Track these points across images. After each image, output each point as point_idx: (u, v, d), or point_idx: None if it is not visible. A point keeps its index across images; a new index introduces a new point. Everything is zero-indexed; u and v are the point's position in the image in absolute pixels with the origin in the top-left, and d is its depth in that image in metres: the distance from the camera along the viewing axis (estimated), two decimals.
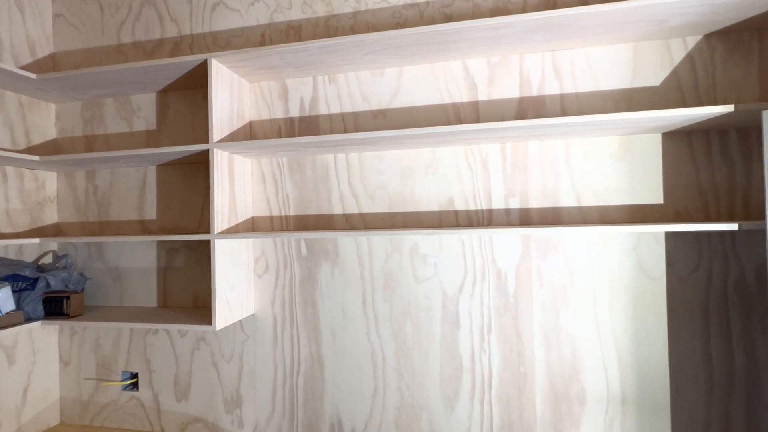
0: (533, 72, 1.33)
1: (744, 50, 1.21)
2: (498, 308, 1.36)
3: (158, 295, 1.62)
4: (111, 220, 1.67)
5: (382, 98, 1.44)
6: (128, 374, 1.65)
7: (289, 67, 1.41)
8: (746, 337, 1.20)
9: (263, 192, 1.54)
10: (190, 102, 1.60)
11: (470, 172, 1.38)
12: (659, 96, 1.25)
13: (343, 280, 1.47)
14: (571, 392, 1.31)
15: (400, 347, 1.42)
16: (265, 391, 1.52)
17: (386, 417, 1.43)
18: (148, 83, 1.52)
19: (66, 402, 1.71)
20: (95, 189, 1.69)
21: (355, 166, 1.47)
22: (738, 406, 1.20)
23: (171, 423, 1.61)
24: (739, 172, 1.21)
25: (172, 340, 1.61)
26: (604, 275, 1.29)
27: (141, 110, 1.65)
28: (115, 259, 1.67)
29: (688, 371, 1.24)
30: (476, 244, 1.37)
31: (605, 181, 1.29)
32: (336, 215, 1.48)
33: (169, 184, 1.62)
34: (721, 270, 1.22)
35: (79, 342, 1.70)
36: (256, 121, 1.55)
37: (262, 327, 1.53)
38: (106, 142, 1.68)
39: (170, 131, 1.62)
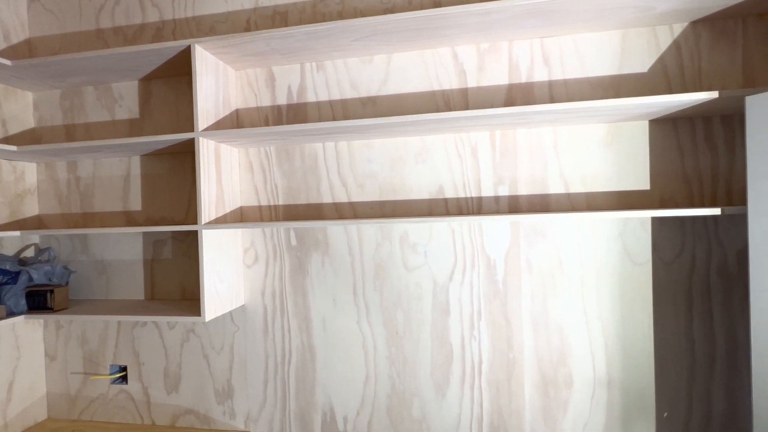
0: (522, 59, 1.33)
1: (728, 38, 1.22)
2: (487, 295, 1.37)
3: (145, 287, 1.60)
4: (95, 212, 1.63)
5: (371, 86, 1.43)
6: (117, 368, 1.64)
7: (276, 53, 1.38)
8: (727, 320, 1.24)
9: (251, 182, 1.52)
10: (174, 90, 1.56)
11: (460, 160, 1.37)
12: (646, 83, 1.26)
13: (334, 269, 1.47)
14: (558, 376, 1.34)
15: (391, 335, 1.43)
16: (257, 382, 1.52)
17: (378, 404, 1.44)
18: (130, 70, 1.48)
19: (53, 397, 1.69)
20: (77, 180, 1.65)
21: (345, 155, 1.45)
22: (718, 387, 1.24)
23: (162, 415, 1.60)
24: (722, 159, 1.23)
25: (161, 332, 1.59)
26: (591, 261, 1.31)
27: (123, 99, 1.60)
28: (101, 251, 1.63)
29: (671, 354, 1.27)
30: (466, 232, 1.38)
31: (593, 168, 1.30)
32: (325, 204, 1.47)
33: (154, 174, 1.58)
34: (704, 255, 1.25)
35: (65, 336, 1.67)
36: (243, 110, 1.52)
37: (253, 318, 1.52)
38: (87, 132, 1.64)
39: (154, 120, 1.58)
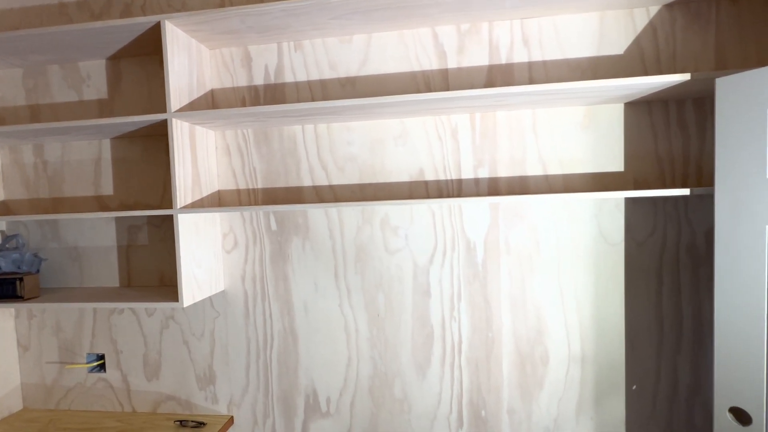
0: (502, 40, 1.32)
1: (702, 21, 1.24)
2: (467, 277, 1.39)
3: (121, 275, 1.56)
4: (65, 197, 1.57)
5: (350, 66, 1.40)
6: (94, 356, 1.61)
7: (252, 32, 1.33)
8: (694, 297, 1.29)
9: (229, 165, 1.49)
10: (145, 70, 1.50)
11: (440, 143, 1.37)
12: (623, 66, 1.28)
13: (315, 253, 1.46)
14: (535, 354, 1.38)
15: (373, 318, 1.44)
16: (239, 367, 1.52)
17: (360, 385, 1.46)
18: (98, 48, 1.41)
19: (28, 387, 1.65)
20: (44, 164, 1.58)
21: (324, 138, 1.43)
22: (685, 360, 1.30)
23: (143, 402, 1.58)
24: (693, 141, 1.26)
25: (139, 319, 1.57)
26: (567, 243, 1.34)
27: (91, 78, 1.53)
28: (73, 238, 1.58)
29: (641, 330, 1.32)
30: (446, 215, 1.39)
31: (570, 150, 1.32)
32: (305, 188, 1.45)
33: (127, 158, 1.53)
34: (674, 235, 1.29)
35: (38, 326, 1.63)
36: (218, 90, 1.47)
37: (233, 303, 1.51)
38: (54, 113, 1.56)
39: (125, 101, 1.51)
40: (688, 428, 1.31)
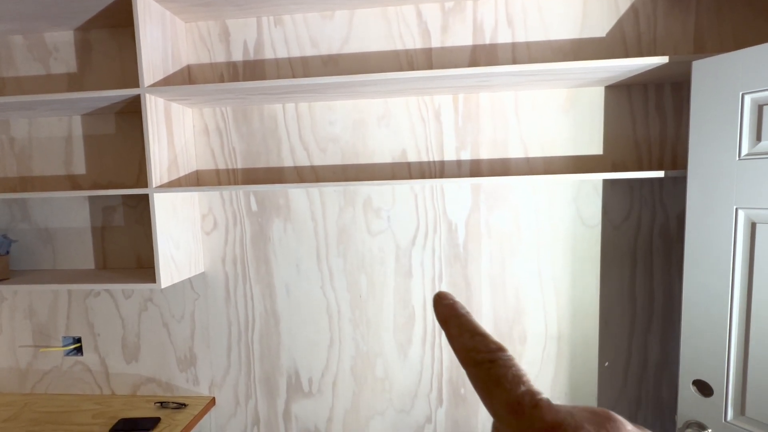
0: (486, 20, 1.31)
1: (683, 5, 1.24)
2: (449, 259, 1.40)
3: (96, 256, 1.52)
4: (34, 176, 1.51)
5: (332, 43, 1.36)
6: (70, 339, 1.57)
7: (230, 4, 1.28)
8: (665, 278, 1.33)
9: (207, 145, 1.45)
10: (117, 42, 1.43)
11: (423, 124, 1.36)
12: (605, 48, 1.28)
13: (296, 235, 1.45)
14: (513, 333, 1.41)
15: (355, 299, 1.45)
16: (220, 349, 1.51)
17: (342, 366, 1.48)
18: (65, 18, 1.33)
19: (1, 372, 1.61)
20: (11, 141, 1.51)
21: (306, 118, 1.40)
22: (654, 338, 1.36)
23: (122, 385, 1.57)
24: (670, 125, 1.28)
25: (116, 302, 1.53)
26: (546, 225, 1.36)
27: (59, 51, 1.45)
28: (44, 218, 1.52)
29: (615, 309, 1.36)
30: (428, 197, 1.39)
31: (551, 133, 1.33)
32: (286, 168, 1.42)
33: (99, 135, 1.47)
34: (648, 218, 1.32)
35: (10, 309, 1.58)
36: (195, 65, 1.42)
37: (214, 285, 1.49)
38: (19, 87, 1.48)
39: (96, 76, 1.45)
40: (655, 401, 1.37)
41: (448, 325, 0.21)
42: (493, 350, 0.20)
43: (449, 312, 0.22)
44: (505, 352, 0.20)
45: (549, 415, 0.18)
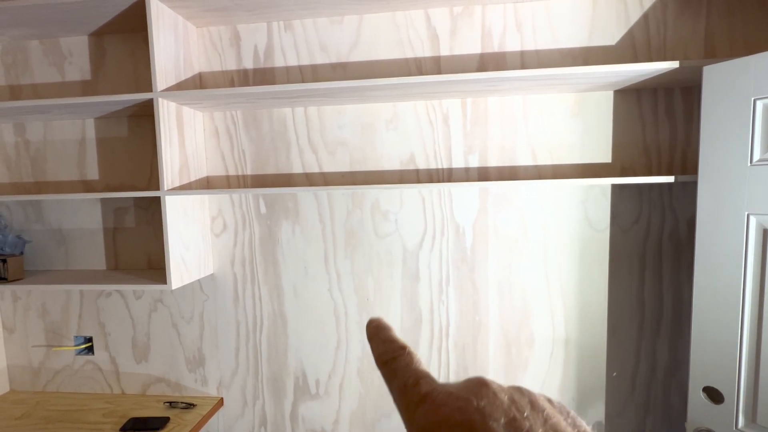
0: (495, 25, 1.31)
1: (693, 9, 1.24)
2: (456, 261, 1.41)
3: (108, 257, 1.55)
4: (48, 177, 1.54)
5: (341, 48, 1.38)
6: (81, 339, 1.60)
7: (240, 10, 1.30)
8: (675, 282, 1.33)
9: (217, 147, 1.47)
10: (130, 47, 1.45)
11: (431, 128, 1.37)
12: (614, 53, 1.28)
13: (305, 237, 1.46)
14: (521, 337, 1.41)
15: (362, 301, 1.46)
16: (228, 349, 1.53)
17: (349, 368, 1.48)
18: (80, 23, 1.36)
19: (14, 369, 1.64)
20: (26, 144, 1.54)
21: (315, 121, 1.42)
22: (663, 343, 1.35)
23: (132, 384, 1.59)
24: (680, 130, 1.28)
25: (127, 302, 1.56)
26: (554, 229, 1.36)
27: (73, 55, 1.48)
28: (57, 220, 1.55)
29: (623, 313, 1.36)
30: (436, 200, 1.39)
31: (560, 137, 1.33)
32: (295, 171, 1.44)
33: (112, 139, 1.50)
34: (658, 222, 1.31)
35: (24, 308, 1.61)
36: (207, 73, 1.44)
37: (223, 286, 1.51)
38: (34, 91, 1.51)
39: (109, 79, 1.47)
40: (664, 408, 1.36)
41: (371, 341, 0.25)
42: (395, 350, 0.23)
43: (372, 332, 0.25)
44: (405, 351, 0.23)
45: (424, 388, 0.20)
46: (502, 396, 0.19)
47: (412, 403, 0.20)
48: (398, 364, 0.22)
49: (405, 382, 0.21)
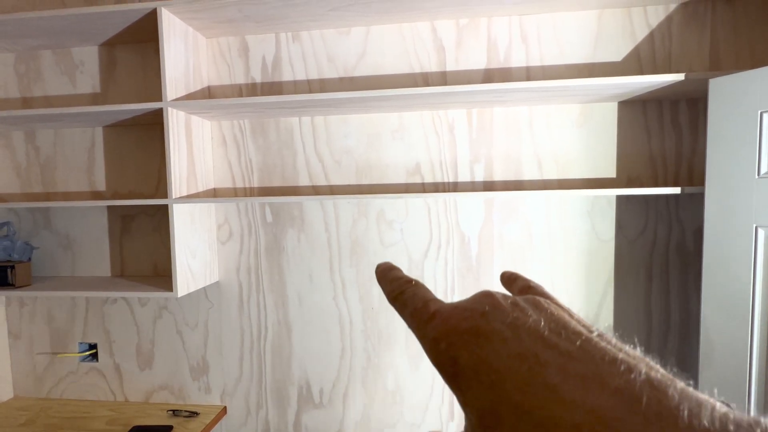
0: (501, 37, 1.33)
1: (698, 22, 1.25)
2: (461, 271, 1.40)
3: (114, 264, 1.55)
4: (57, 184, 1.56)
5: (348, 59, 1.39)
6: (86, 345, 1.60)
7: (249, 21, 1.32)
8: (682, 294, 1.32)
9: (225, 156, 1.48)
10: (141, 57, 1.48)
11: (437, 138, 1.38)
12: (619, 65, 1.29)
13: (310, 246, 1.46)
14: None
15: (367, 310, 1.45)
16: (232, 357, 1.53)
17: (353, 377, 1.48)
18: (91, 34, 1.38)
19: (19, 375, 1.64)
20: (37, 151, 1.56)
21: (321, 130, 1.43)
22: (671, 354, 1.33)
23: (135, 391, 1.59)
24: (686, 141, 1.28)
25: (132, 309, 1.56)
26: (560, 239, 1.36)
27: (84, 65, 1.50)
28: (65, 226, 1.57)
29: (630, 324, 1.35)
30: (441, 209, 1.40)
31: (565, 147, 1.33)
32: (301, 180, 1.45)
33: (121, 146, 1.52)
34: (664, 233, 1.31)
35: (30, 314, 1.62)
36: (215, 78, 1.46)
37: (228, 294, 1.51)
38: (46, 99, 1.54)
39: (119, 89, 1.50)
40: None
41: (381, 283, 0.26)
42: (402, 285, 0.24)
43: (381, 274, 0.26)
44: (412, 283, 0.24)
45: (432, 307, 0.21)
46: (505, 302, 0.20)
47: (422, 322, 0.21)
48: (407, 295, 0.23)
49: (415, 307, 0.22)
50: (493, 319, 0.19)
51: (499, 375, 0.17)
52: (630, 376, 0.15)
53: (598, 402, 0.14)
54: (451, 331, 0.19)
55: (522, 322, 0.18)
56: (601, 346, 0.17)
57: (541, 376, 0.16)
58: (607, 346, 0.17)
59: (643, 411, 0.14)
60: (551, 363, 0.16)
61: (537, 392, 0.15)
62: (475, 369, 0.17)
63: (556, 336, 0.18)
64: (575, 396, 0.15)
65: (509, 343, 0.17)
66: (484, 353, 0.17)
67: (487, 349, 0.17)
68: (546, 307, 0.20)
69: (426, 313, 0.21)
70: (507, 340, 0.17)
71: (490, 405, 0.16)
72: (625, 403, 0.14)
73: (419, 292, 0.23)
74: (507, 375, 0.16)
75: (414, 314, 0.22)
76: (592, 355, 0.16)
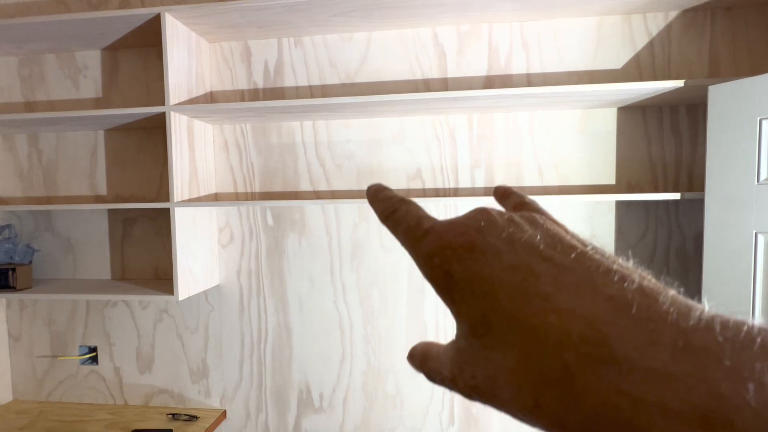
0: (501, 43, 1.34)
1: (697, 29, 1.26)
2: None
3: (116, 267, 1.56)
4: (59, 187, 1.56)
5: (350, 64, 1.40)
6: (86, 348, 1.60)
7: (252, 26, 1.33)
8: None
9: (226, 160, 1.49)
10: (143, 61, 1.49)
11: (438, 143, 1.38)
12: (619, 71, 1.30)
13: (311, 249, 1.46)
14: None
15: (367, 314, 1.45)
16: (233, 361, 1.52)
17: (353, 381, 1.47)
18: (95, 38, 1.39)
19: (18, 378, 1.64)
20: (39, 154, 1.56)
21: (323, 135, 1.44)
22: None
23: (135, 395, 1.58)
24: (686, 147, 1.29)
25: (133, 312, 1.56)
26: None
27: (88, 68, 1.51)
28: (66, 229, 1.57)
29: None
30: (442, 213, 1.40)
31: (566, 153, 1.34)
32: (303, 183, 1.45)
33: (123, 150, 1.52)
34: (665, 238, 1.31)
35: (30, 317, 1.61)
36: (217, 82, 1.47)
37: (228, 298, 1.51)
38: (49, 103, 1.54)
39: (122, 92, 1.50)
40: None
41: (373, 203, 0.25)
42: (395, 203, 0.23)
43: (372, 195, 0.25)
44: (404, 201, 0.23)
45: (426, 224, 0.20)
46: (501, 217, 0.19)
47: (416, 238, 0.20)
48: (400, 213, 0.22)
49: (408, 224, 0.21)
50: (488, 234, 0.18)
51: (492, 286, 0.17)
52: (623, 284, 0.15)
53: (589, 309, 0.14)
54: (446, 247, 0.19)
55: (517, 237, 0.18)
56: (596, 258, 0.17)
57: (534, 286, 0.16)
58: (602, 259, 0.17)
59: (633, 316, 0.14)
60: (545, 274, 0.16)
61: (530, 301, 0.16)
62: (468, 281, 0.17)
63: (551, 249, 0.17)
64: (567, 304, 0.15)
65: (503, 256, 0.17)
66: (478, 266, 0.17)
67: (482, 262, 0.17)
68: (542, 223, 0.19)
69: (420, 230, 0.20)
70: (501, 253, 0.17)
71: (482, 315, 0.17)
72: (617, 309, 0.14)
73: (412, 210, 0.22)
74: (500, 286, 0.16)
75: (407, 231, 0.21)
76: (587, 267, 0.16)
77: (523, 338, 0.15)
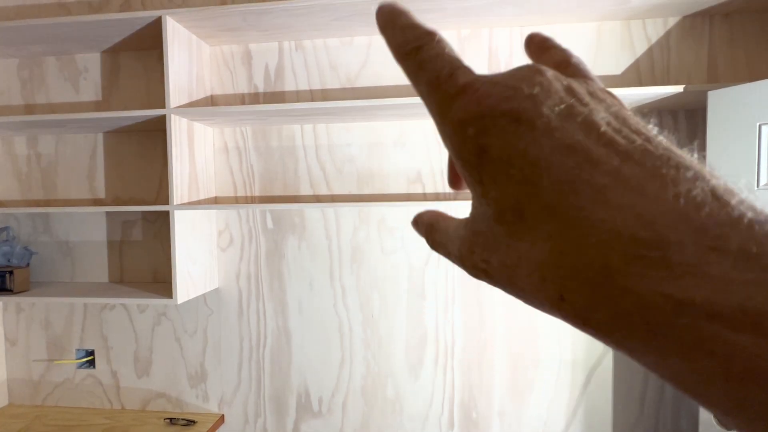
0: (501, 48, 1.34)
1: (696, 35, 1.27)
2: (462, 280, 1.40)
3: (114, 270, 1.55)
4: (58, 190, 1.55)
5: (350, 68, 1.40)
6: (83, 352, 1.59)
7: (253, 29, 1.33)
8: None
9: (226, 163, 1.48)
10: (143, 64, 1.49)
11: (438, 146, 1.38)
12: (618, 76, 1.30)
13: (311, 253, 1.46)
14: (526, 357, 1.39)
15: (367, 318, 1.45)
16: (231, 365, 1.51)
17: (353, 385, 1.47)
18: (96, 41, 1.39)
19: (14, 383, 1.62)
20: (38, 156, 1.56)
21: (323, 138, 1.44)
22: None
23: (132, 399, 1.57)
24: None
25: (131, 316, 1.55)
26: None
27: (88, 71, 1.51)
28: (65, 232, 1.56)
29: None
30: None
31: None
32: (303, 187, 1.45)
33: (122, 152, 1.52)
34: None
35: (27, 320, 1.60)
36: (218, 85, 1.47)
37: (227, 301, 1.50)
38: (49, 105, 1.54)
39: (122, 95, 1.50)
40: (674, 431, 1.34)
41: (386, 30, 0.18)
42: (421, 37, 0.17)
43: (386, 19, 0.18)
44: (434, 37, 0.17)
45: (462, 79, 0.16)
46: (557, 84, 0.15)
47: (447, 96, 0.16)
48: (426, 53, 0.17)
49: (437, 74, 0.16)
50: (541, 104, 0.15)
51: (536, 169, 0.14)
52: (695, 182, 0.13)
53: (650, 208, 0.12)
54: (486, 114, 0.15)
55: (577, 111, 0.15)
56: (665, 146, 0.14)
57: (587, 174, 0.13)
58: (672, 148, 0.14)
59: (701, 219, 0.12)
60: (604, 162, 0.13)
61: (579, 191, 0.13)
62: (507, 161, 0.14)
63: (615, 132, 0.14)
64: (624, 200, 0.13)
65: (556, 134, 0.14)
66: (523, 143, 0.14)
67: (528, 138, 0.14)
68: (603, 98, 0.16)
69: (453, 84, 0.16)
70: (554, 130, 0.14)
71: (515, 201, 0.14)
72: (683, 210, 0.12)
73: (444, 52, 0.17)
74: (546, 170, 0.14)
75: (435, 83, 0.16)
76: (655, 157, 0.14)
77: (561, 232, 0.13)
